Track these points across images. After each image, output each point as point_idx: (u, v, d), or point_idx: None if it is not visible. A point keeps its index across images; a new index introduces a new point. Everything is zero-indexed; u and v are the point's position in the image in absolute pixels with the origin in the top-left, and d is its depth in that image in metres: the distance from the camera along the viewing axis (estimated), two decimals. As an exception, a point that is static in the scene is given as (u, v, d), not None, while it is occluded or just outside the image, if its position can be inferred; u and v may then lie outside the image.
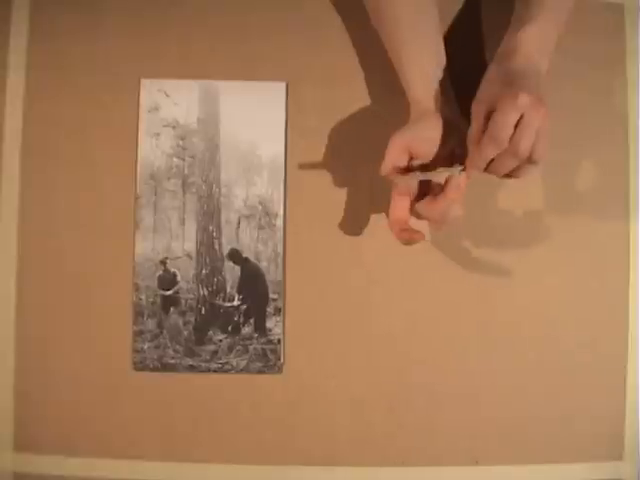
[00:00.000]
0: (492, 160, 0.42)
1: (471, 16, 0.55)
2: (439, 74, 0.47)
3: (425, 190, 0.47)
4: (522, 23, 0.44)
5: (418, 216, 0.46)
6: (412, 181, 0.46)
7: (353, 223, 0.54)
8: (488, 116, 0.42)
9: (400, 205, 0.47)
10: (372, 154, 0.53)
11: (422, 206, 0.45)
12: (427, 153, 0.46)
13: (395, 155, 0.45)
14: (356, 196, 0.54)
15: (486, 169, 0.43)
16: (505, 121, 0.40)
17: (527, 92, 0.39)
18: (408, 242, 0.46)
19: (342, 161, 0.54)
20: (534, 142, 0.40)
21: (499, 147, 0.41)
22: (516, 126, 0.40)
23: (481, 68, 0.45)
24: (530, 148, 0.40)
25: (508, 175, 0.43)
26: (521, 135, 0.40)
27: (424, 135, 0.45)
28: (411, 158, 0.46)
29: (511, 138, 0.40)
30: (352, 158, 0.54)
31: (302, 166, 0.54)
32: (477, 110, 0.43)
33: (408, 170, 0.46)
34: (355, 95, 0.54)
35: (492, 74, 0.44)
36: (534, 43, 0.43)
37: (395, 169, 0.45)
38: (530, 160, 0.41)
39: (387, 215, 0.53)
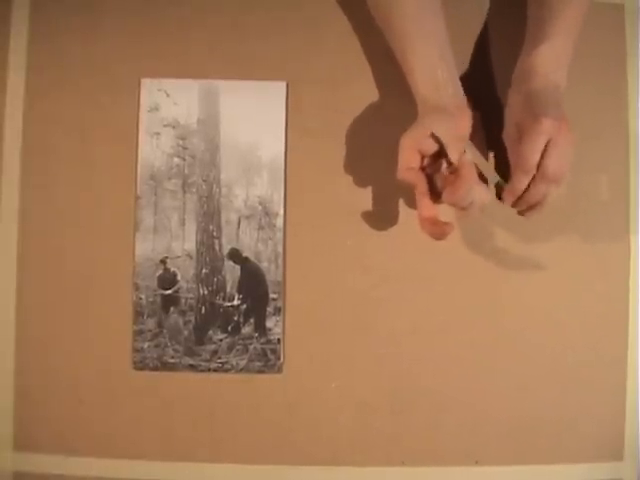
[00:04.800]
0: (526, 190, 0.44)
1: (476, 10, 0.55)
2: (445, 69, 0.47)
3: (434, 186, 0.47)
4: (535, 44, 0.45)
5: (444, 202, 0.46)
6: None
7: (353, 223, 0.54)
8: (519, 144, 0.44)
9: (424, 203, 0.46)
10: (373, 153, 0.54)
11: (447, 196, 0.45)
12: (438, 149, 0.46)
13: (407, 157, 0.45)
14: (357, 196, 0.54)
15: (521, 198, 0.45)
16: (532, 149, 0.41)
17: (549, 115, 0.41)
18: (441, 236, 0.46)
19: (342, 161, 0.54)
20: (562, 160, 0.42)
21: (529, 174, 0.42)
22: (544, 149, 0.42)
23: (486, 60, 0.45)
24: (559, 169, 0.42)
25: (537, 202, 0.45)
26: (549, 160, 0.41)
27: (430, 132, 0.45)
28: (423, 157, 0.46)
29: (539, 163, 0.42)
30: (352, 158, 0.54)
31: (303, 159, 0.54)
32: (509, 141, 0.45)
33: (423, 170, 0.46)
34: (355, 95, 0.54)
35: (512, 101, 0.45)
36: (550, 62, 0.44)
37: (410, 171, 0.45)
38: (557, 180, 0.43)
39: (387, 214, 0.54)
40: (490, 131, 0.49)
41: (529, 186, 0.43)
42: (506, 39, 0.53)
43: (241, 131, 0.54)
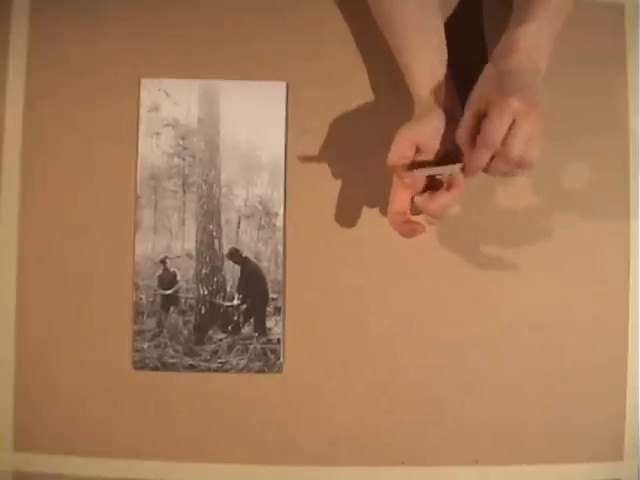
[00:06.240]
0: (490, 161, 0.42)
1: (472, 9, 0.55)
2: (442, 69, 0.48)
3: (427, 185, 0.47)
4: (520, 22, 0.44)
5: (415, 211, 0.47)
6: (419, 176, 0.46)
7: (353, 223, 0.54)
8: (477, 117, 0.43)
9: (401, 197, 0.47)
10: (372, 154, 0.54)
11: (423, 201, 0.45)
12: (434, 147, 0.46)
13: (402, 147, 0.46)
14: (356, 196, 0.54)
15: (484, 170, 0.43)
16: (495, 126, 0.40)
17: (518, 95, 0.40)
18: (410, 235, 0.46)
19: (342, 161, 0.54)
20: (526, 147, 0.41)
21: (491, 151, 0.41)
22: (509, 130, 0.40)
23: (482, 60, 0.45)
24: (521, 153, 0.41)
25: (504, 174, 0.44)
26: (512, 141, 0.40)
27: (431, 129, 0.46)
28: (417, 151, 0.46)
29: (503, 142, 0.40)
30: (352, 158, 0.54)
31: (303, 159, 0.54)
32: (467, 111, 0.44)
33: (413, 163, 0.46)
34: (355, 95, 0.54)
35: (487, 75, 0.44)
36: (531, 41, 0.43)
37: (401, 160, 0.45)
38: (522, 165, 0.41)
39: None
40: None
41: (491, 162, 0.42)
42: (502, 30, 0.53)
43: (241, 131, 0.54)
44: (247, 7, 0.55)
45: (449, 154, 0.47)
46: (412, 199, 0.47)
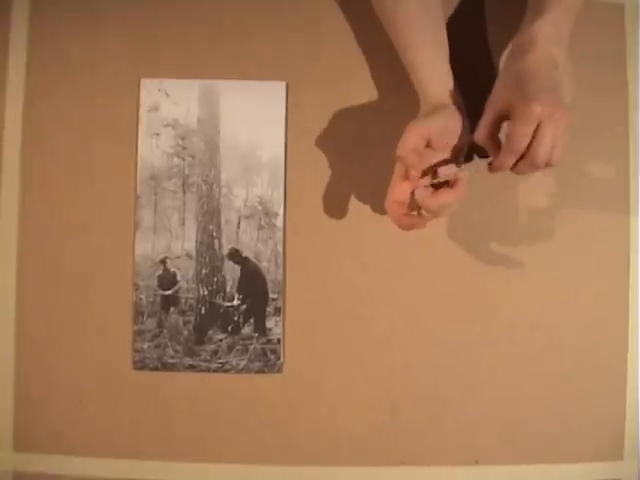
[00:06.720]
0: (515, 164, 0.43)
1: (474, 7, 0.55)
2: (446, 66, 0.48)
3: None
4: (537, 14, 0.44)
5: (413, 205, 0.46)
6: (443, 178, 0.46)
7: (353, 223, 0.54)
8: (497, 118, 0.43)
9: (401, 188, 0.46)
10: (372, 153, 0.54)
11: (423, 197, 0.45)
12: (443, 144, 0.46)
13: (414, 139, 0.45)
14: (356, 196, 0.54)
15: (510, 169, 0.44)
16: (520, 134, 0.41)
17: (540, 99, 0.40)
18: (408, 227, 0.46)
19: (342, 161, 0.54)
20: (551, 148, 0.41)
21: (517, 155, 0.42)
22: (535, 131, 0.40)
23: (484, 57, 0.45)
24: (547, 156, 0.41)
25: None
26: (537, 147, 0.41)
27: (443, 126, 0.46)
28: (426, 146, 0.46)
29: (528, 147, 0.41)
30: (352, 158, 0.54)
31: (303, 159, 0.54)
32: (488, 111, 0.44)
33: (422, 157, 0.46)
34: (355, 94, 0.54)
35: (506, 74, 0.44)
36: (547, 37, 0.43)
37: (412, 153, 0.45)
38: (547, 164, 0.42)
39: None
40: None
41: (516, 165, 0.43)
42: (504, 26, 0.53)
43: (241, 131, 0.54)
44: (247, 6, 0.55)
45: (456, 151, 0.47)
46: (412, 192, 0.46)
